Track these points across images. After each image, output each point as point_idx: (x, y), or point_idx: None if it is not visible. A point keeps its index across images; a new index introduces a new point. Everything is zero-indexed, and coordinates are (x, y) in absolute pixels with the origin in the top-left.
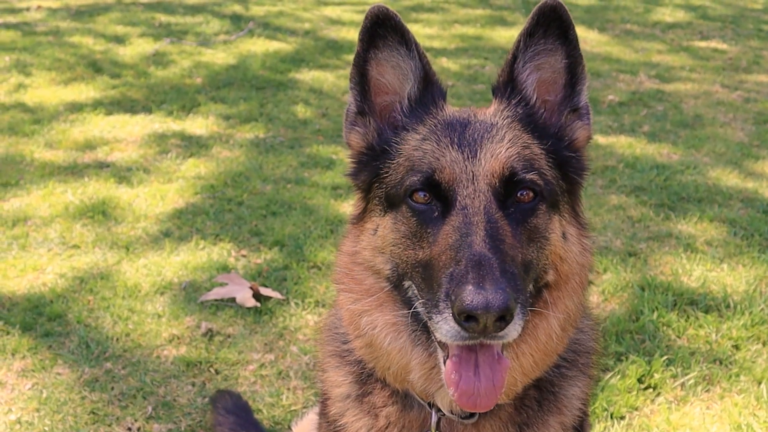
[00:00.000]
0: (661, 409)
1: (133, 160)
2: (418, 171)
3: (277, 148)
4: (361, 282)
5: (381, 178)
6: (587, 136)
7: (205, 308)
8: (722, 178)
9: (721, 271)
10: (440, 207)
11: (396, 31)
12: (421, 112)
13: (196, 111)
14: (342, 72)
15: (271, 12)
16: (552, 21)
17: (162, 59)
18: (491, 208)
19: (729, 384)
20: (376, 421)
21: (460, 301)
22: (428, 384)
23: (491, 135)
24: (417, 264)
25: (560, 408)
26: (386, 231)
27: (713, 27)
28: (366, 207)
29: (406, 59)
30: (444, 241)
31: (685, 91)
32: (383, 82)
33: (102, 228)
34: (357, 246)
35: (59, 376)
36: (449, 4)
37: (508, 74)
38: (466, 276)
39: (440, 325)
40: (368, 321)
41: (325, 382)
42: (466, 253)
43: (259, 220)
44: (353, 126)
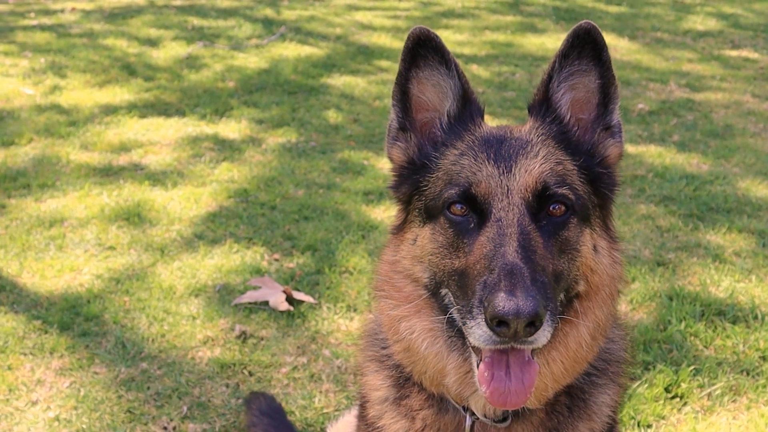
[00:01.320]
0: (687, 418)
1: (167, 163)
2: (456, 184)
3: (309, 153)
4: (401, 289)
5: (421, 190)
6: (619, 154)
7: (238, 311)
8: (752, 189)
9: (750, 282)
10: (476, 219)
11: (437, 51)
12: (460, 128)
13: (228, 115)
14: (373, 78)
15: (303, 16)
16: (586, 43)
17: (195, 62)
18: (524, 221)
19: (756, 395)
20: (412, 423)
21: (493, 307)
22: (463, 388)
23: (526, 151)
24: (453, 272)
25: (590, 414)
26: (425, 241)
27: (745, 36)
28: (406, 218)
29: (446, 78)
30: (479, 250)
31: (716, 101)
32: (424, 99)
33: (137, 230)
34: (397, 255)
35: (96, 375)
36: (480, 11)
37: (543, 93)
38: (498, 284)
39: (474, 330)
40: (407, 326)
41: (365, 386)
42: (499, 263)
43: (292, 224)
44: (395, 141)
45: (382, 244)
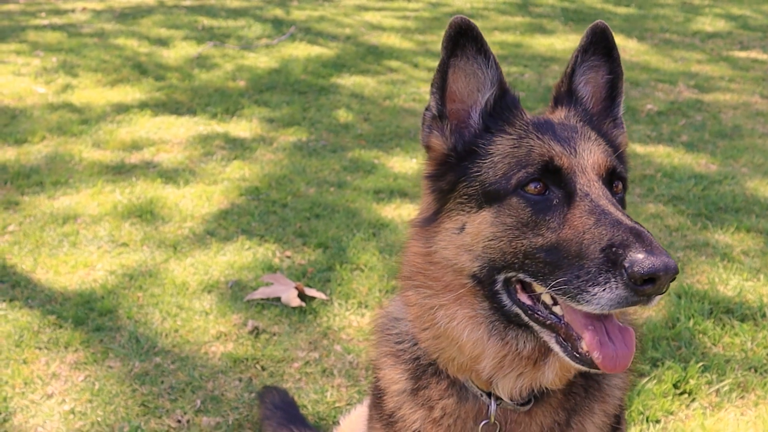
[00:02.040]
0: (695, 414)
1: (179, 161)
2: (530, 163)
3: (320, 151)
4: (439, 279)
5: (471, 176)
6: (626, 142)
7: (251, 307)
8: (760, 189)
9: (758, 281)
10: (560, 195)
11: (475, 41)
12: (506, 115)
13: (239, 114)
14: (383, 77)
15: (312, 17)
16: (600, 41)
17: (205, 62)
18: (608, 195)
19: (764, 391)
20: (430, 412)
21: (640, 267)
22: (497, 371)
23: (580, 134)
24: (536, 250)
25: (603, 396)
26: (482, 226)
27: (754, 37)
28: (442, 207)
29: (483, 68)
30: (579, 222)
31: (724, 102)
32: (457, 88)
33: (150, 227)
34: (433, 246)
35: (110, 369)
36: (489, 11)
37: (568, 85)
38: (633, 245)
39: (599, 296)
40: (446, 314)
41: (382, 380)
42: (622, 228)
43: (303, 222)
44: (431, 129)
45: (392, 241)
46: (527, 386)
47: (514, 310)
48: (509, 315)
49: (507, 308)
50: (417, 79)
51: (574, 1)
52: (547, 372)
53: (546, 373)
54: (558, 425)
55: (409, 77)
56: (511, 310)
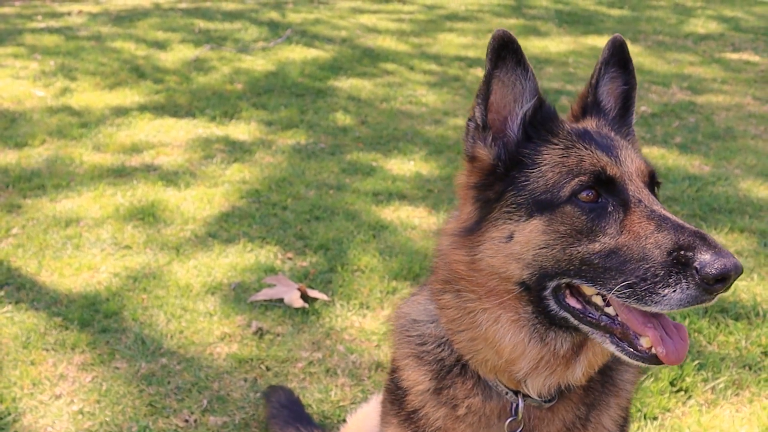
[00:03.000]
0: (692, 411)
1: (179, 164)
2: (582, 173)
3: (319, 154)
4: (483, 285)
5: (519, 186)
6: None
7: (254, 308)
8: (753, 190)
9: (752, 280)
10: (616, 202)
11: (515, 54)
12: (548, 125)
13: (238, 117)
14: (380, 80)
15: (308, 19)
16: (619, 53)
17: (203, 65)
18: (656, 200)
19: (758, 388)
20: (454, 411)
21: (712, 268)
22: (533, 372)
23: (617, 144)
24: (593, 256)
25: (617, 391)
26: (533, 235)
27: (745, 39)
28: (486, 215)
29: (523, 80)
30: (638, 228)
31: (717, 103)
32: (497, 99)
33: (152, 229)
34: (477, 255)
35: (117, 370)
36: (483, 14)
37: (594, 96)
38: (700, 247)
39: (669, 296)
40: (489, 318)
41: (405, 380)
42: (686, 231)
43: (304, 224)
44: (475, 141)
45: (392, 243)
46: (555, 384)
47: (562, 314)
48: (555, 319)
49: (554, 312)
50: (413, 82)
51: (567, 3)
52: (577, 369)
53: (576, 371)
54: (579, 419)
55: (406, 80)
56: (558, 314)
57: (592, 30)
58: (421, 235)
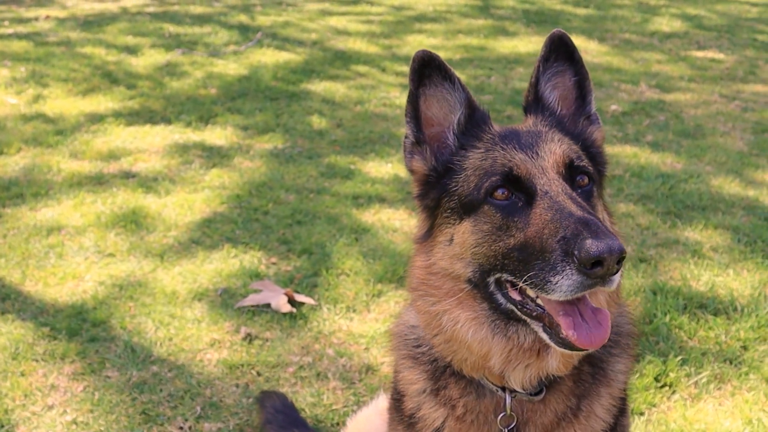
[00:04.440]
0: (677, 405)
1: (158, 171)
2: (495, 173)
3: (296, 158)
4: (440, 287)
5: (450, 192)
6: (602, 137)
7: (242, 314)
8: (724, 187)
9: (728, 276)
10: (523, 197)
11: (440, 70)
12: (476, 131)
13: (213, 122)
14: (353, 83)
15: (277, 22)
16: (560, 47)
17: (175, 70)
18: (567, 190)
19: (739, 382)
20: (453, 411)
21: (586, 252)
22: (506, 366)
23: (542, 138)
24: (511, 249)
25: (609, 381)
26: (466, 235)
27: (709, 37)
28: (433, 223)
29: (451, 92)
30: (539, 220)
31: (685, 101)
32: (431, 114)
33: (135, 237)
34: (431, 259)
35: (108, 379)
36: (451, 14)
37: (534, 94)
38: (581, 234)
39: (561, 284)
40: (450, 318)
41: (401, 381)
42: (572, 219)
43: (286, 228)
44: (412, 155)
45: (375, 246)
46: (535, 375)
47: (509, 307)
48: (506, 312)
49: (503, 306)
50: (386, 84)
51: (534, 3)
52: (551, 360)
53: (550, 362)
54: (570, 410)
55: (378, 82)
56: (506, 307)
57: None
58: (402, 237)
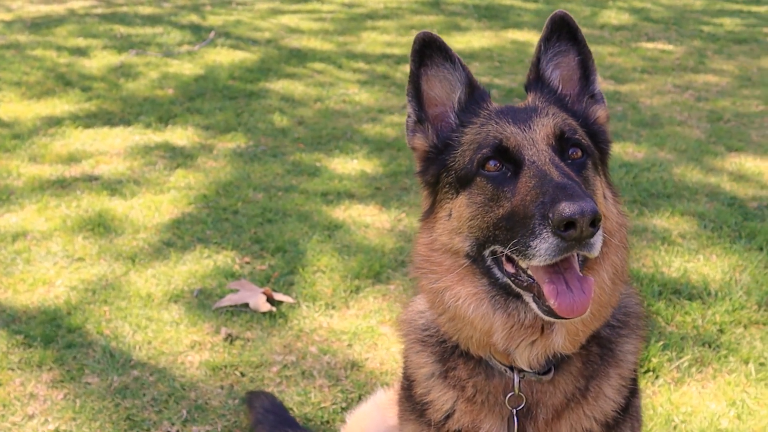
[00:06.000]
0: (662, 390)
1: (121, 173)
2: (486, 145)
3: (261, 157)
4: (441, 264)
5: (448, 167)
6: (606, 115)
7: (220, 314)
8: (686, 174)
9: (698, 261)
10: (512, 168)
11: (440, 50)
12: (474, 108)
13: (173, 122)
14: (310, 80)
15: (229, 21)
16: (562, 27)
17: (129, 71)
18: (555, 159)
19: (719, 365)
20: (462, 392)
21: (559, 214)
22: (509, 342)
23: (537, 113)
24: (500, 220)
25: (618, 362)
26: (462, 208)
27: (657, 29)
28: (435, 199)
29: (452, 72)
30: (524, 188)
31: (640, 92)
32: (434, 94)
33: (104, 240)
34: (433, 235)
35: (89, 385)
36: (403, 11)
37: (535, 73)
38: (556, 197)
39: (539, 248)
40: (451, 295)
41: (410, 366)
42: (550, 185)
43: (257, 227)
44: (414, 133)
45: (348, 242)
46: (542, 353)
47: (506, 281)
48: (504, 287)
49: (501, 281)
50: (344, 81)
51: None
52: (556, 337)
53: (555, 339)
54: (579, 391)
55: (336, 79)
56: (503, 281)
57: (511, 24)
58: (375, 233)
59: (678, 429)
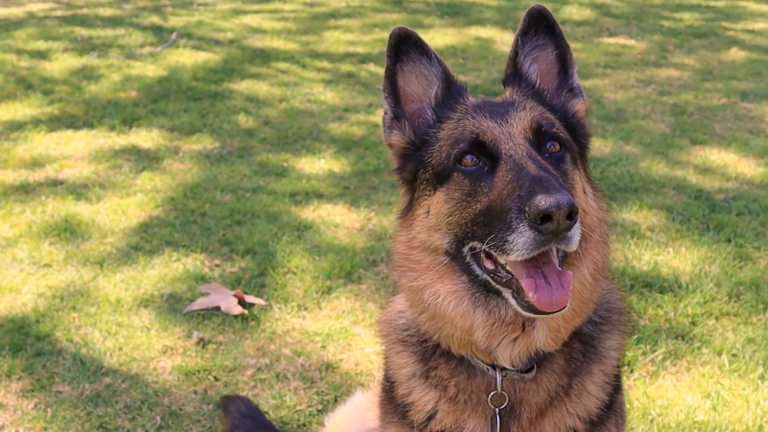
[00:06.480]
0: (637, 384)
1: (86, 177)
2: (463, 140)
3: (227, 158)
4: (420, 261)
5: (425, 163)
6: (585, 109)
7: (191, 318)
8: (653, 168)
9: (668, 254)
10: (489, 162)
11: (416, 45)
12: (451, 103)
13: (138, 124)
14: (275, 80)
15: (191, 22)
16: (539, 21)
17: (92, 73)
18: (532, 153)
19: (693, 357)
20: (445, 392)
21: (535, 207)
22: (490, 340)
23: (515, 107)
24: (477, 215)
25: (601, 358)
26: (440, 204)
27: (618, 24)
28: (413, 196)
29: (428, 67)
30: (501, 182)
31: (604, 87)
32: (410, 90)
33: (70, 245)
34: (411, 233)
35: (60, 394)
36: (365, 9)
37: (513, 67)
38: (533, 190)
39: (516, 242)
40: (431, 292)
41: (391, 367)
42: (526, 179)
43: (226, 229)
44: (391, 130)
45: (318, 242)
46: (524, 351)
47: (485, 278)
48: (483, 284)
49: (480, 278)
50: (308, 80)
51: None
52: (538, 334)
53: (537, 336)
54: (562, 388)
55: (300, 78)
56: (483, 278)
57: (473, 20)
58: (345, 232)
59: (655, 422)
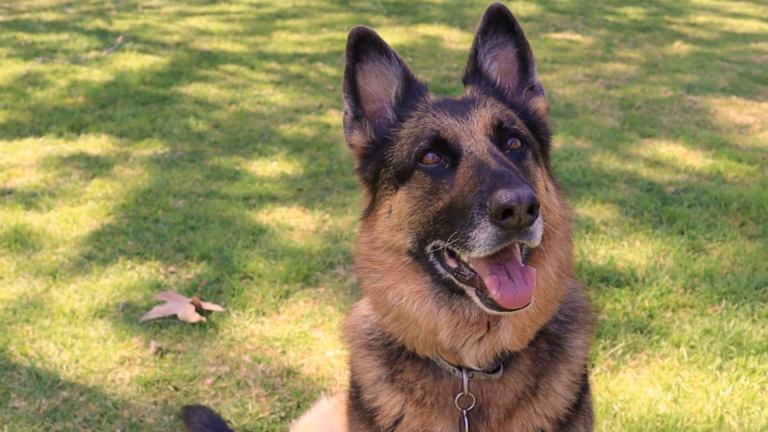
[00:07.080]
0: (599, 379)
1: (35, 185)
2: (423, 138)
3: (179, 162)
4: (383, 262)
5: (387, 162)
6: (546, 107)
7: (148, 327)
8: (604, 162)
9: (623, 248)
10: (450, 160)
11: (376, 45)
12: (412, 101)
13: (86, 131)
14: (223, 82)
15: (136, 25)
16: (499, 20)
17: (37, 80)
18: (493, 149)
19: (652, 350)
20: (411, 395)
21: (496, 202)
22: (455, 341)
23: (475, 104)
24: (440, 213)
25: (567, 358)
26: (402, 203)
27: (564, 19)
28: (374, 196)
29: (388, 66)
30: (462, 179)
31: (552, 82)
32: (370, 89)
33: (21, 256)
34: (373, 234)
35: (16, 410)
36: (312, 9)
37: (473, 65)
38: (494, 186)
39: (478, 238)
40: (394, 293)
41: (356, 372)
42: (487, 174)
43: (180, 235)
44: (352, 130)
45: (274, 246)
46: (490, 351)
47: (449, 277)
48: (447, 283)
49: (444, 277)
50: (257, 82)
51: None
52: (503, 334)
53: (502, 335)
54: (529, 389)
55: (249, 80)
56: (446, 277)
57: (420, 19)
58: (301, 235)
59: (618, 417)
